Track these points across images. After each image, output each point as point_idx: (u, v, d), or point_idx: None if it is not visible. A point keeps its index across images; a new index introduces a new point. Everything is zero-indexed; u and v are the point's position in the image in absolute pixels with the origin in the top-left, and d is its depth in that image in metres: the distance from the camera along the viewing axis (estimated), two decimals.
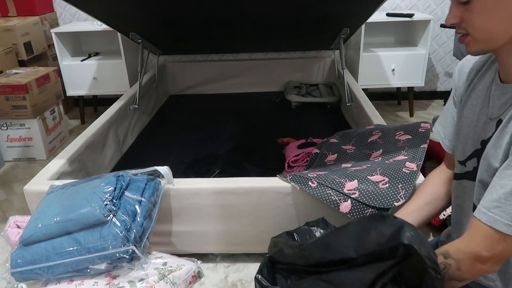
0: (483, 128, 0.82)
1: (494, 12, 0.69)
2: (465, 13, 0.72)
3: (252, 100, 3.00)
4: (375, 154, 1.56)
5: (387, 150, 1.53)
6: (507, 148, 0.73)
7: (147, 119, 2.66)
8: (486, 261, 0.72)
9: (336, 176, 1.34)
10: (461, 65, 0.91)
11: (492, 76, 0.82)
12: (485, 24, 0.71)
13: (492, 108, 0.80)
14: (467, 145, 0.87)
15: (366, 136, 1.69)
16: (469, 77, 0.89)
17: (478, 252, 0.72)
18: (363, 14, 2.05)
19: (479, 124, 0.83)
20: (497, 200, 0.70)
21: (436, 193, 1.01)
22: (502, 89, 0.78)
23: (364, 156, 1.59)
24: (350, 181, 1.31)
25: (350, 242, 0.78)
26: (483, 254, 0.72)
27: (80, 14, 2.97)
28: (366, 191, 1.27)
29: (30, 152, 2.45)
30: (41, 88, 2.43)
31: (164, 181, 1.33)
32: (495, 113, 0.79)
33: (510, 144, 0.73)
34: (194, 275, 1.17)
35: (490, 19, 0.70)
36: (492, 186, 0.73)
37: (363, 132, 1.74)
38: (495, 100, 0.79)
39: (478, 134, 0.83)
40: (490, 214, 0.71)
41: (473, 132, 0.85)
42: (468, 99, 0.88)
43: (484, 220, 0.71)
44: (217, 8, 1.87)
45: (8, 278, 1.12)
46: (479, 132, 0.83)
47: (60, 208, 1.14)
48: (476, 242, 0.72)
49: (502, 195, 0.69)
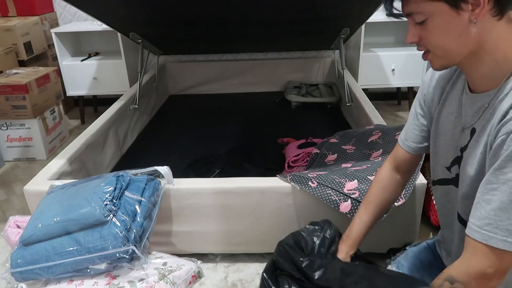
0: (459, 136, 0.83)
1: (447, 31, 0.71)
2: (422, 32, 0.74)
3: (252, 100, 3.00)
4: (375, 154, 1.56)
5: (387, 150, 1.53)
6: (481, 157, 0.74)
7: (147, 119, 2.66)
8: (492, 277, 0.72)
9: (336, 176, 1.34)
10: (432, 72, 0.91)
11: (462, 85, 0.82)
12: (441, 42, 0.72)
13: (465, 117, 0.81)
14: (448, 152, 0.87)
15: (366, 136, 1.69)
16: (440, 84, 0.89)
17: (482, 270, 0.72)
18: (363, 14, 2.05)
19: (456, 132, 0.84)
20: (487, 217, 0.70)
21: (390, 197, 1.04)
22: (472, 98, 0.78)
23: (364, 156, 1.59)
24: (350, 181, 1.31)
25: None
26: (488, 271, 0.71)
27: (80, 14, 2.97)
28: (366, 191, 1.26)
29: (30, 152, 2.45)
30: (41, 88, 2.43)
31: (164, 181, 1.33)
32: (468, 122, 0.80)
33: (484, 154, 0.74)
34: (194, 275, 1.17)
35: (445, 38, 0.72)
36: (477, 202, 0.72)
37: (363, 132, 1.74)
38: (467, 109, 0.80)
39: (457, 142, 0.84)
40: (483, 232, 0.70)
41: (451, 139, 0.86)
42: (443, 107, 0.88)
43: (479, 238, 0.71)
44: (217, 8, 1.87)
45: (8, 278, 1.12)
46: (456, 139, 0.84)
47: (60, 208, 1.14)
48: (477, 261, 0.72)
49: (492, 212, 0.69)
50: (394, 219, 1.33)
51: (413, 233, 1.44)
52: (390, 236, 1.43)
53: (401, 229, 1.43)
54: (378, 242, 1.41)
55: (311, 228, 1.02)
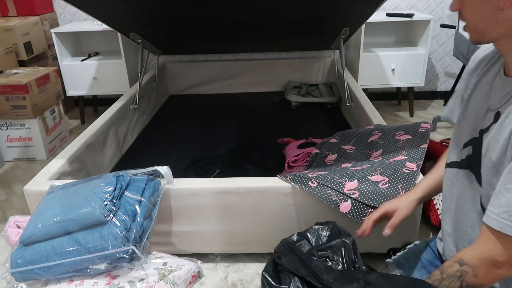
0: (482, 118, 0.83)
1: (478, 11, 0.73)
2: (461, 5, 0.76)
3: (252, 100, 3.00)
4: (375, 154, 1.56)
5: (387, 150, 1.53)
6: (505, 144, 0.74)
7: (147, 119, 2.66)
8: (502, 265, 0.73)
9: (336, 176, 1.34)
10: (476, 54, 0.94)
11: (498, 68, 0.83)
12: (472, 20, 0.76)
13: (492, 100, 0.82)
14: (465, 133, 0.88)
15: (366, 136, 1.69)
16: (480, 66, 0.90)
17: (493, 257, 0.73)
18: (363, 14, 2.05)
19: (479, 114, 0.85)
20: (506, 205, 0.70)
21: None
22: (504, 82, 0.79)
23: (364, 156, 1.59)
24: (350, 181, 1.31)
25: None
26: (498, 259, 0.72)
27: (80, 14, 2.97)
28: (366, 191, 1.27)
29: (30, 152, 2.45)
30: (41, 88, 2.43)
31: (164, 181, 1.33)
32: (495, 105, 0.80)
33: (508, 141, 0.73)
34: (194, 275, 1.17)
35: (476, 16, 0.75)
36: (498, 191, 0.73)
37: (363, 132, 1.74)
38: (497, 92, 0.81)
39: (477, 123, 0.85)
40: (500, 219, 0.71)
41: (473, 121, 0.86)
42: (475, 89, 0.89)
43: (495, 226, 0.71)
44: (217, 8, 1.87)
45: (8, 278, 1.12)
46: (478, 121, 0.85)
47: (60, 208, 1.14)
48: (489, 248, 0.73)
49: (510, 200, 0.70)
50: None
51: (413, 233, 1.44)
52: (390, 236, 1.43)
53: (401, 229, 1.42)
54: (378, 242, 1.41)
55: (316, 227, 1.03)
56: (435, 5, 2.85)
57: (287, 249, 0.96)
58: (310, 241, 1.02)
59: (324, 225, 1.05)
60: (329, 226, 1.04)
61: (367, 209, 1.26)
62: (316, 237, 1.02)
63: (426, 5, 2.85)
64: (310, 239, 1.02)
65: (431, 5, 2.85)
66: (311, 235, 1.03)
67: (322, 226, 1.04)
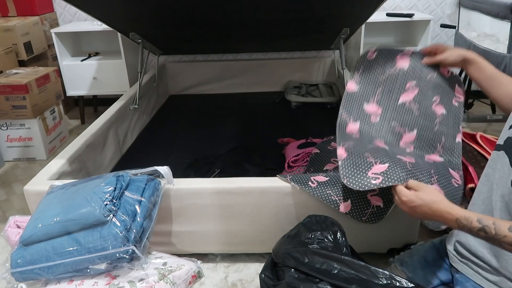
0: None
1: None
2: None
3: (252, 100, 3.00)
4: (407, 138, 1.27)
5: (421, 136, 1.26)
6: None
7: (147, 119, 2.66)
8: None
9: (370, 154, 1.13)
10: None
11: None
12: None
13: None
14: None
15: (398, 87, 1.31)
16: None
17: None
18: (363, 14, 2.05)
19: None
20: None
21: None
22: None
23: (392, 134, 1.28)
24: (381, 164, 1.09)
25: None
26: None
27: (80, 14, 2.97)
28: (392, 177, 1.04)
29: (30, 152, 2.45)
30: (41, 88, 2.43)
31: (164, 181, 1.33)
32: None
33: None
34: (194, 275, 1.17)
35: None
36: None
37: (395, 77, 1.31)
38: None
39: None
40: None
41: None
42: None
43: None
44: (217, 8, 1.87)
45: (8, 278, 1.12)
46: None
47: (60, 208, 1.14)
48: None
49: None
50: (394, 219, 1.33)
51: (413, 233, 1.44)
52: (390, 236, 1.43)
53: (401, 229, 1.43)
54: (378, 242, 1.42)
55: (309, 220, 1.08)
56: (435, 5, 2.85)
57: (280, 244, 0.98)
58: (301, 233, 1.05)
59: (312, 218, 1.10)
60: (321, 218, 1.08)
61: (367, 209, 1.26)
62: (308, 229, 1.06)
63: (426, 5, 2.85)
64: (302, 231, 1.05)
65: (431, 5, 2.85)
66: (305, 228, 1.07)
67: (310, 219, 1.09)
